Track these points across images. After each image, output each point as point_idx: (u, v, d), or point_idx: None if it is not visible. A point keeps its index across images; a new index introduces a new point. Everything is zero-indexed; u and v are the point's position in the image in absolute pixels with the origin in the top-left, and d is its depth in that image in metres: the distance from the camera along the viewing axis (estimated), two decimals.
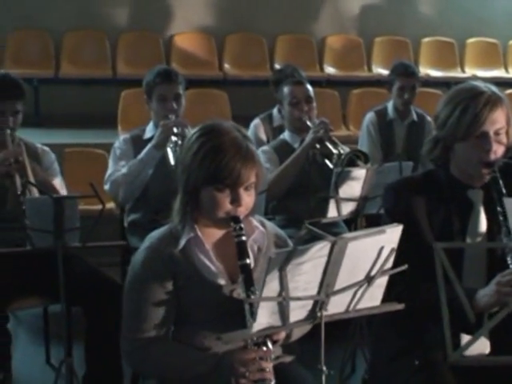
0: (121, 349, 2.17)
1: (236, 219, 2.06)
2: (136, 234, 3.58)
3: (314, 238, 3.16)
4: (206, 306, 2.12)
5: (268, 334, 1.95)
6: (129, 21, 6.81)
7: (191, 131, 3.37)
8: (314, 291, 1.70)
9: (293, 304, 1.70)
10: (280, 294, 1.65)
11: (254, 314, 1.95)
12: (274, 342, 2.03)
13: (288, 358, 2.21)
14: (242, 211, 2.07)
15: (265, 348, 1.98)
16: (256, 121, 4.58)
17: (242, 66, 6.78)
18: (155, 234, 2.21)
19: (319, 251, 1.65)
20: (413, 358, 2.23)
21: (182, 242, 2.12)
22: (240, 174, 2.02)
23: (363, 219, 3.54)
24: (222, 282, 2.12)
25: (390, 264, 1.76)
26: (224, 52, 6.85)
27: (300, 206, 3.63)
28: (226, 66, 6.80)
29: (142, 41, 6.70)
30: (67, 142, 5.31)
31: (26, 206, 2.67)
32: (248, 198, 2.08)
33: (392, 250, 1.73)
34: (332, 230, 3.57)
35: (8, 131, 3.14)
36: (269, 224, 2.28)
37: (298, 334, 2.15)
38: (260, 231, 2.19)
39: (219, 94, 6.16)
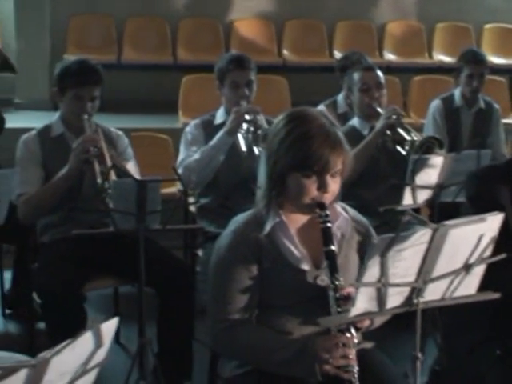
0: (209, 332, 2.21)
1: (322, 206, 2.07)
2: (205, 218, 3.64)
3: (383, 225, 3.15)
4: (289, 291, 2.14)
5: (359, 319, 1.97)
6: (189, 7, 6.84)
7: (263, 118, 3.47)
8: (412, 278, 1.70)
9: (390, 290, 1.71)
10: (379, 280, 1.66)
11: (338, 300, 1.98)
12: (357, 329, 2.04)
13: (368, 345, 2.22)
14: (328, 198, 2.08)
15: (348, 334, 1.99)
16: (321, 107, 4.56)
17: (301, 53, 6.76)
18: (240, 218, 2.23)
19: (420, 238, 1.66)
20: (494, 347, 2.22)
21: (268, 227, 2.13)
22: (328, 160, 2.03)
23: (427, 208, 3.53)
24: (305, 267, 2.13)
25: (488, 252, 1.76)
26: (283, 38, 6.84)
27: (369, 193, 3.61)
28: (285, 52, 6.79)
29: (202, 27, 6.73)
30: (129, 127, 5.38)
31: (111, 188, 2.71)
32: (334, 185, 2.09)
33: (492, 238, 1.73)
34: (400, 217, 3.57)
35: (85, 117, 3.19)
36: (351, 210, 2.29)
37: (379, 321, 2.15)
38: (344, 217, 2.20)
39: (279, 80, 6.16)
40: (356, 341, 2.01)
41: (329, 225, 2.06)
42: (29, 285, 3.53)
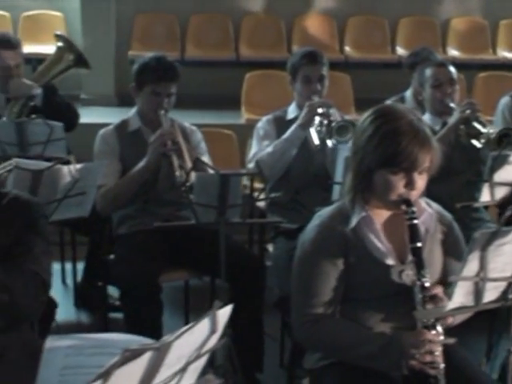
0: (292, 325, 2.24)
1: (408, 202, 2.08)
2: (276, 212, 3.65)
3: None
4: (373, 285, 2.15)
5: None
6: (252, 4, 6.87)
7: (336, 112, 3.47)
8: (509, 273, 1.70)
9: (488, 285, 1.71)
10: (478, 274, 1.66)
11: (424, 298, 1.98)
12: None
13: (451, 341, 2.21)
14: (414, 195, 2.09)
15: (434, 331, 2.00)
16: (380, 104, 4.53)
17: (364, 49, 6.74)
18: (325, 212, 2.25)
19: None
20: None
21: (354, 222, 2.15)
22: (417, 158, 2.03)
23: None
24: (390, 262, 2.14)
25: None
26: (345, 35, 6.82)
27: (441, 189, 3.57)
28: (347, 48, 6.78)
29: (265, 23, 6.75)
30: (193, 123, 5.43)
31: (194, 181, 2.75)
32: (421, 182, 2.10)
33: None
34: (472, 214, 3.54)
35: (162, 112, 3.25)
36: (435, 205, 2.29)
37: (460, 318, 2.15)
38: (428, 213, 2.20)
39: (341, 76, 6.14)
40: (442, 337, 2.01)
41: (415, 221, 2.07)
42: (103, 276, 3.62)
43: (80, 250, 4.14)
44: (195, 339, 1.26)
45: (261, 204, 3.76)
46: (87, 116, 5.26)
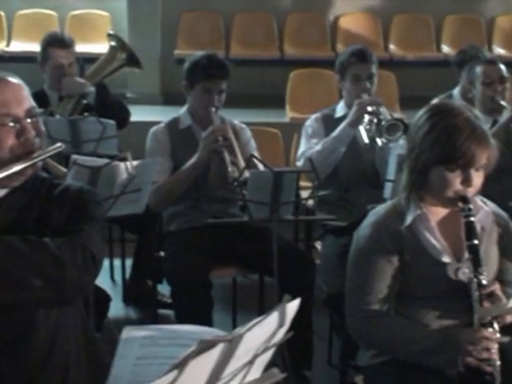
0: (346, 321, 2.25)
1: (465, 199, 2.07)
2: (324, 210, 3.65)
3: None
4: (428, 283, 2.15)
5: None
6: (296, 2, 6.89)
7: (386, 110, 3.47)
8: None
9: None
10: None
11: (481, 296, 1.97)
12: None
13: (506, 339, 2.20)
14: (471, 192, 2.09)
15: (491, 329, 1.99)
16: (436, 101, 4.51)
17: (408, 47, 6.70)
18: (379, 209, 2.25)
19: None
20: None
21: (409, 219, 2.15)
22: (474, 155, 2.02)
23: None
24: (446, 259, 2.14)
25: None
26: (390, 33, 6.80)
27: (493, 187, 3.54)
28: (392, 46, 6.74)
29: (308, 22, 6.76)
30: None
31: (247, 178, 2.77)
32: (477, 179, 2.09)
33: None
34: None
35: (213, 109, 3.28)
36: (491, 204, 2.27)
37: None
38: (484, 211, 2.19)
39: (386, 74, 6.11)
40: (498, 335, 2.01)
41: (472, 219, 2.07)
42: (152, 272, 3.66)
43: (129, 246, 4.20)
44: (264, 332, 1.28)
45: (309, 202, 3.77)
46: (133, 114, 5.32)
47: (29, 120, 1.80)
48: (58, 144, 1.86)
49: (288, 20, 6.73)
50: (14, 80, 1.85)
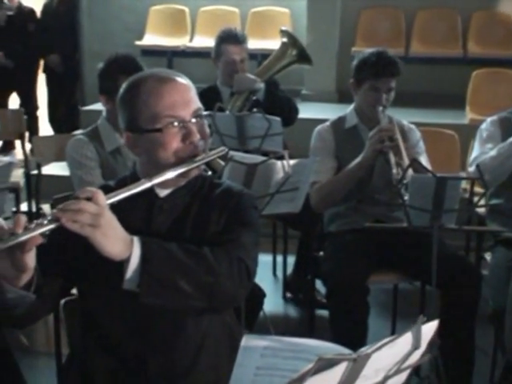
0: None
1: None
2: (496, 220, 3.42)
3: None
4: None
5: None
6: (482, 0, 6.58)
7: None
8: None
9: None
10: None
11: None
12: None
13: None
14: None
15: None
16: None
17: None
18: None
19: None
20: None
21: None
22: None
23: None
24: None
25: None
26: None
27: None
28: None
29: (494, 20, 6.45)
30: (414, 121, 5.28)
31: (409, 182, 2.65)
32: None
33: None
34: None
35: (380, 108, 3.17)
36: None
37: None
38: None
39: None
40: None
41: None
42: (311, 272, 3.63)
43: (291, 243, 4.19)
44: (395, 353, 1.19)
45: (481, 210, 3.55)
46: (306, 111, 5.32)
47: (194, 120, 1.77)
48: (222, 147, 1.86)
49: (474, 17, 6.46)
50: (182, 80, 1.82)
